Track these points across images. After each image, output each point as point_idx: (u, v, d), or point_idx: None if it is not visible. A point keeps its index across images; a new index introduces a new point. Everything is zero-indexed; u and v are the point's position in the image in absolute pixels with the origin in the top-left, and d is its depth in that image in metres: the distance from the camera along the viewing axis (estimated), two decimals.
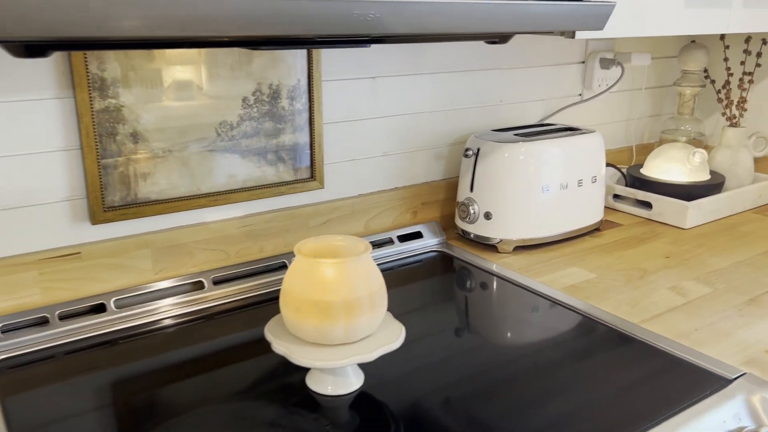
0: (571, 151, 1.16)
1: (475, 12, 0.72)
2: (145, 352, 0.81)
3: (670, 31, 1.02)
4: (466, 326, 0.90)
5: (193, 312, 0.92)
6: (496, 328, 0.89)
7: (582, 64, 1.40)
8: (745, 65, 1.45)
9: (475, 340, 0.85)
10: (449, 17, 0.70)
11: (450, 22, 0.70)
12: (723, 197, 1.33)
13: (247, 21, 0.58)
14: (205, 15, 0.54)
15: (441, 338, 0.85)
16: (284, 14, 0.59)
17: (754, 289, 1.00)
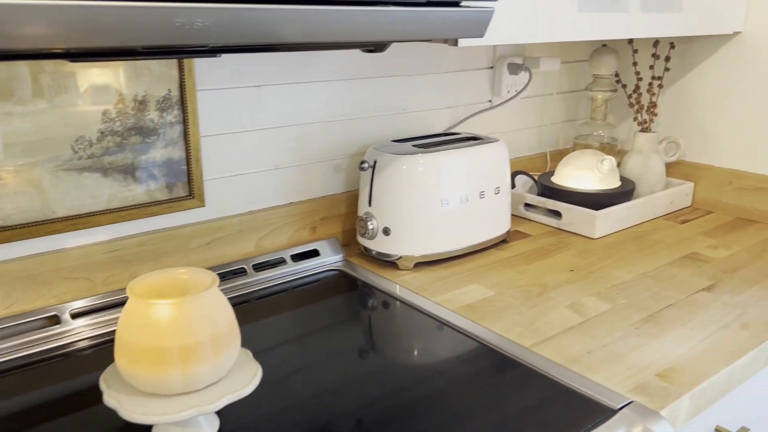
0: (472, 162, 1.11)
1: (332, 20, 0.65)
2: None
3: (564, 36, 0.98)
4: (349, 352, 0.83)
5: (41, 352, 0.82)
6: (382, 355, 0.83)
7: (490, 69, 1.35)
8: (655, 70, 1.44)
9: (357, 368, 0.78)
10: (301, 26, 0.63)
11: (303, 31, 0.64)
12: (633, 205, 1.30)
13: (47, 33, 0.50)
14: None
15: (323, 367, 0.79)
16: (88, 23, 0.51)
17: (653, 305, 0.96)
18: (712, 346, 0.84)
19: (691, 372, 0.78)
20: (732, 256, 1.15)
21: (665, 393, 0.74)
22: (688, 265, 1.11)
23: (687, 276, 1.07)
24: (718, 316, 0.92)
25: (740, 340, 0.85)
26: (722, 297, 0.99)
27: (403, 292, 1.02)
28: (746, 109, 1.33)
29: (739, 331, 0.88)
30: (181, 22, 0.55)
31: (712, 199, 1.41)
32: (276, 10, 0.61)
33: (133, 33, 0.53)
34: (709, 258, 1.14)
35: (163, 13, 0.54)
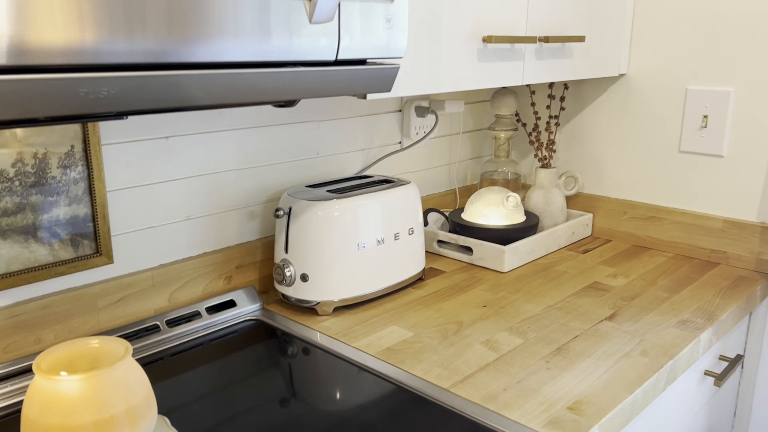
0: (386, 205, 1.14)
1: (240, 82, 0.66)
2: None
3: (465, 86, 1.03)
4: (270, 402, 0.82)
5: None
6: (304, 403, 0.82)
7: (399, 112, 1.40)
8: (551, 109, 1.53)
9: (279, 417, 0.78)
10: (209, 90, 0.63)
11: (211, 94, 0.64)
12: (538, 238, 1.37)
13: None
14: None
15: (244, 419, 0.77)
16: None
17: (561, 337, 1.01)
18: (616, 375, 0.90)
19: (599, 403, 0.83)
20: (630, 283, 1.24)
21: (576, 426, 0.78)
22: (591, 294, 1.18)
23: (591, 306, 1.13)
24: (620, 345, 0.99)
25: (641, 368, 0.92)
26: (623, 325, 1.05)
27: (323, 338, 1.02)
28: (634, 143, 1.44)
29: (640, 358, 0.94)
30: (85, 92, 0.55)
31: (610, 229, 1.51)
32: (182, 76, 0.61)
33: (37, 104, 0.52)
34: (609, 287, 1.22)
35: (68, 85, 0.53)
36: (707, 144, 1.34)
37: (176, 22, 0.58)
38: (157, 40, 0.57)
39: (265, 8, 0.65)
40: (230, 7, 0.62)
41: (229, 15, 0.62)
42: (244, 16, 0.63)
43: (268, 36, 0.66)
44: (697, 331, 1.03)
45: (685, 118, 1.36)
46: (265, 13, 0.65)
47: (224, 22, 0.62)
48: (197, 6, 0.59)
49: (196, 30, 0.60)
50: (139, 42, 0.56)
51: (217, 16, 0.61)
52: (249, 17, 0.64)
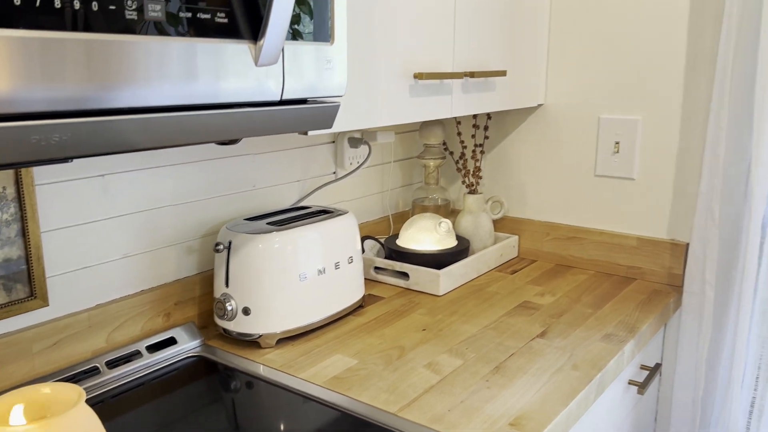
0: (325, 235, 1.16)
1: (189, 124, 0.67)
2: None
3: (399, 120, 1.08)
4: None
5: None
6: None
7: (333, 144, 1.43)
8: (476, 138, 1.61)
9: None
10: (159, 132, 0.65)
11: (161, 137, 0.65)
12: (469, 261, 1.43)
13: None
14: None
15: None
16: None
17: (498, 356, 1.07)
18: (551, 390, 0.95)
19: (538, 417, 0.88)
20: (557, 301, 1.31)
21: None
22: (523, 313, 1.25)
23: (523, 324, 1.19)
24: (552, 361, 1.05)
25: (573, 381, 0.98)
26: (554, 341, 1.12)
27: (267, 371, 1.02)
28: (554, 168, 1.54)
29: (571, 372, 1.01)
30: (37, 139, 0.55)
31: (535, 249, 1.59)
32: (133, 120, 0.62)
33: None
34: (538, 305, 1.29)
35: (20, 132, 0.53)
36: (620, 168, 1.45)
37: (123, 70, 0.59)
38: (102, 87, 0.58)
39: (213, 54, 0.67)
40: (179, 54, 0.64)
41: (176, 62, 0.64)
42: (193, 61, 0.65)
43: (215, 79, 0.68)
44: (621, 343, 1.11)
45: (599, 144, 1.46)
46: (213, 58, 0.67)
47: (171, 69, 0.63)
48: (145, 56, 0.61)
49: (144, 76, 0.61)
50: (87, 89, 0.57)
51: (165, 64, 0.63)
52: (196, 63, 0.65)
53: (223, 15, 0.68)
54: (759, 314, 1.24)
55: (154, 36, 0.61)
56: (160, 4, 0.61)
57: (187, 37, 0.64)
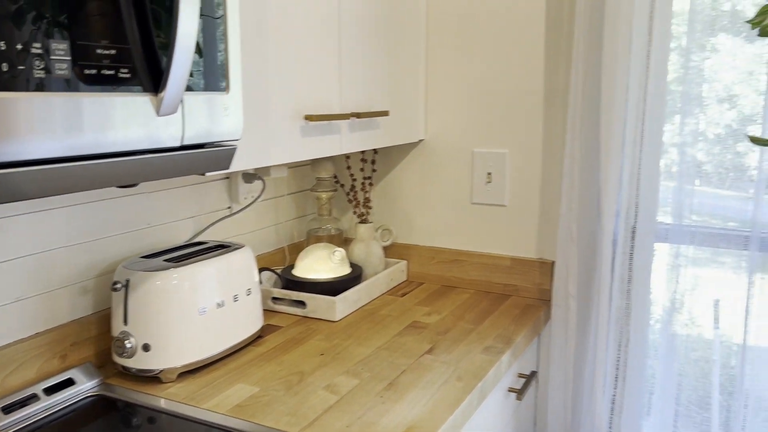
0: (223, 269, 1.21)
1: (90, 171, 0.72)
2: None
3: (293, 158, 1.16)
4: None
5: None
6: None
7: (227, 179, 1.48)
8: (365, 171, 1.72)
9: None
10: (58, 181, 0.68)
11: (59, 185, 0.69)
12: (363, 287, 1.52)
13: None
14: None
15: None
16: None
17: (391, 373, 1.16)
18: (438, 400, 1.06)
19: (427, 426, 0.97)
20: (442, 319, 1.43)
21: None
22: (412, 333, 1.35)
23: (412, 343, 1.29)
24: (439, 374, 1.15)
25: (457, 391, 1.09)
26: (440, 357, 1.23)
27: (170, 404, 1.05)
28: (436, 197, 1.67)
29: (456, 383, 1.12)
30: None
31: (422, 272, 1.71)
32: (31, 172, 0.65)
33: None
34: (426, 324, 1.40)
35: None
36: (493, 196, 1.60)
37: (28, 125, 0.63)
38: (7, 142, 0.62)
39: (116, 106, 0.72)
40: (84, 108, 0.68)
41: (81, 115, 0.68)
42: (98, 114, 0.70)
43: (118, 129, 0.73)
44: (499, 354, 1.24)
45: (474, 175, 1.62)
46: (116, 110, 0.72)
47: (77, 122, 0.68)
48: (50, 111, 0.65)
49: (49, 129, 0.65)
50: None
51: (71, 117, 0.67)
52: (101, 115, 0.70)
53: (125, 71, 0.73)
54: (614, 321, 1.42)
55: (61, 92, 0.66)
56: (66, 63, 0.66)
57: (91, 92, 0.69)
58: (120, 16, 0.73)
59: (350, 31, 1.30)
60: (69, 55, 0.67)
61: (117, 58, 0.72)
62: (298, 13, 1.15)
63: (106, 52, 0.70)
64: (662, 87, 1.32)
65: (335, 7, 1.25)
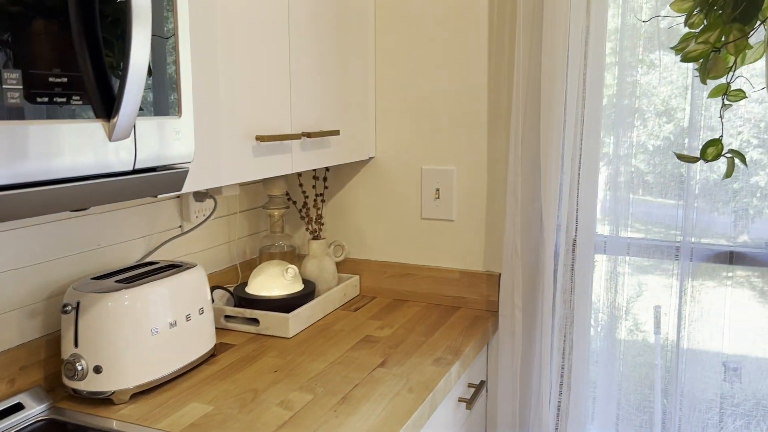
0: (175, 289, 1.22)
1: (44, 197, 0.73)
2: None
3: (245, 178, 1.18)
4: None
5: None
6: None
7: (178, 198, 1.48)
8: (317, 188, 1.74)
9: None
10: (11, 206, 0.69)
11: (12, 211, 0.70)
12: (316, 302, 1.54)
13: None
14: None
15: None
16: None
17: (344, 388, 1.18)
18: (390, 412, 1.09)
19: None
20: (394, 333, 1.46)
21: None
22: (365, 347, 1.38)
23: (365, 357, 1.32)
24: (391, 386, 1.19)
25: (409, 403, 1.12)
26: (392, 369, 1.26)
27: (122, 426, 1.05)
28: (387, 213, 1.71)
29: (407, 395, 1.15)
30: None
31: (375, 287, 1.75)
32: None
33: None
34: (378, 338, 1.43)
35: None
36: (441, 211, 1.65)
37: None
38: None
39: (68, 133, 0.73)
40: (36, 135, 0.69)
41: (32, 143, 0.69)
42: (49, 141, 0.71)
43: (71, 155, 0.74)
44: (449, 365, 1.28)
45: (423, 191, 1.66)
46: (69, 136, 0.73)
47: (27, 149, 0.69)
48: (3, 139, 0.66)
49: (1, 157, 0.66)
50: None
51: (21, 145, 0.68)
52: (53, 142, 0.71)
53: (77, 98, 0.74)
54: (558, 330, 1.48)
55: (12, 120, 0.67)
56: (18, 92, 0.67)
57: (43, 120, 0.70)
58: (71, 45, 0.74)
59: (300, 52, 1.33)
60: (21, 84, 0.68)
61: (69, 86, 0.73)
62: (247, 35, 1.17)
63: (58, 80, 0.72)
64: (598, 104, 1.39)
65: (285, 29, 1.28)
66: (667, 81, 1.43)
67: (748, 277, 1.47)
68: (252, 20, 1.18)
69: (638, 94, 1.43)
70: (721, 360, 1.44)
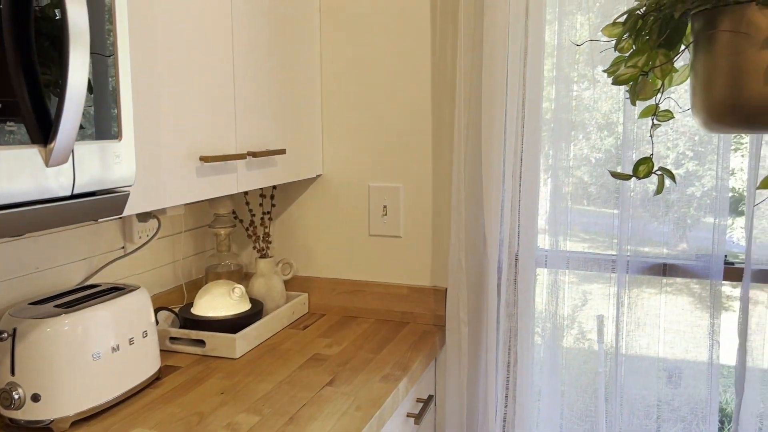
0: (117, 313, 1.19)
1: None
2: None
3: (189, 199, 1.17)
4: None
5: None
6: None
7: (120, 219, 1.46)
8: (263, 206, 1.74)
9: None
10: None
11: None
12: (264, 322, 1.54)
13: None
14: None
15: None
16: None
17: (292, 408, 1.18)
18: (338, 431, 1.09)
19: None
20: (343, 350, 1.47)
21: None
22: (313, 365, 1.38)
23: (314, 376, 1.33)
24: (339, 405, 1.19)
25: (356, 421, 1.13)
26: (340, 388, 1.27)
27: None
28: (335, 230, 1.72)
29: (355, 413, 1.16)
30: None
31: (324, 304, 1.75)
32: None
33: None
34: (327, 356, 1.43)
35: None
36: (389, 228, 1.67)
37: None
38: None
39: (3, 158, 0.72)
40: None
41: None
42: None
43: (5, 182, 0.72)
44: (396, 381, 1.29)
45: (371, 208, 1.68)
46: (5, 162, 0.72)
47: None
48: None
49: None
50: None
51: None
52: None
53: (12, 124, 0.73)
54: (502, 343, 1.52)
55: None
56: None
57: None
58: (6, 69, 0.73)
59: (245, 71, 1.34)
60: None
61: (3, 111, 0.72)
62: (190, 53, 1.17)
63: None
64: (537, 121, 1.44)
65: (229, 47, 1.28)
66: (608, 96, 1.49)
67: (687, 284, 1.53)
68: (194, 38, 1.18)
69: (580, 108, 1.48)
70: (659, 366, 1.49)
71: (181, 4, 1.14)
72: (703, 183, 1.44)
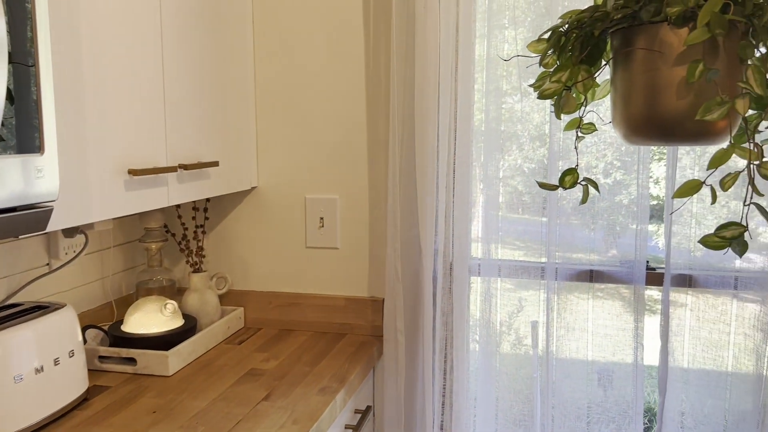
0: (41, 332, 1.14)
1: None
2: None
3: (117, 213, 1.14)
4: None
5: None
6: None
7: (45, 234, 1.40)
8: (197, 220, 1.71)
9: None
10: None
11: None
12: (197, 338, 1.50)
13: None
14: None
15: None
16: None
17: (227, 425, 1.16)
18: None
19: None
20: (280, 364, 1.46)
21: None
22: (249, 381, 1.36)
23: (249, 391, 1.31)
24: (276, 419, 1.18)
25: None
26: (277, 402, 1.25)
27: None
28: (271, 242, 1.71)
29: (292, 427, 1.15)
30: None
31: (260, 318, 1.73)
32: None
33: None
34: (263, 371, 1.42)
35: None
36: (326, 239, 1.67)
37: None
38: None
39: None
40: None
41: None
42: None
43: None
44: (334, 393, 1.29)
45: (307, 220, 1.68)
46: None
47: None
48: None
49: None
50: None
51: None
52: None
53: None
54: (438, 352, 1.54)
55: None
56: None
57: None
58: None
59: (175, 81, 1.31)
60: None
61: None
62: (117, 64, 1.14)
63: None
64: (468, 133, 1.48)
65: (158, 58, 1.26)
66: (540, 108, 1.54)
67: (618, 288, 1.59)
68: (122, 49, 1.15)
69: (513, 120, 1.53)
70: (589, 369, 1.55)
71: (108, 14, 1.11)
72: (629, 191, 1.50)
